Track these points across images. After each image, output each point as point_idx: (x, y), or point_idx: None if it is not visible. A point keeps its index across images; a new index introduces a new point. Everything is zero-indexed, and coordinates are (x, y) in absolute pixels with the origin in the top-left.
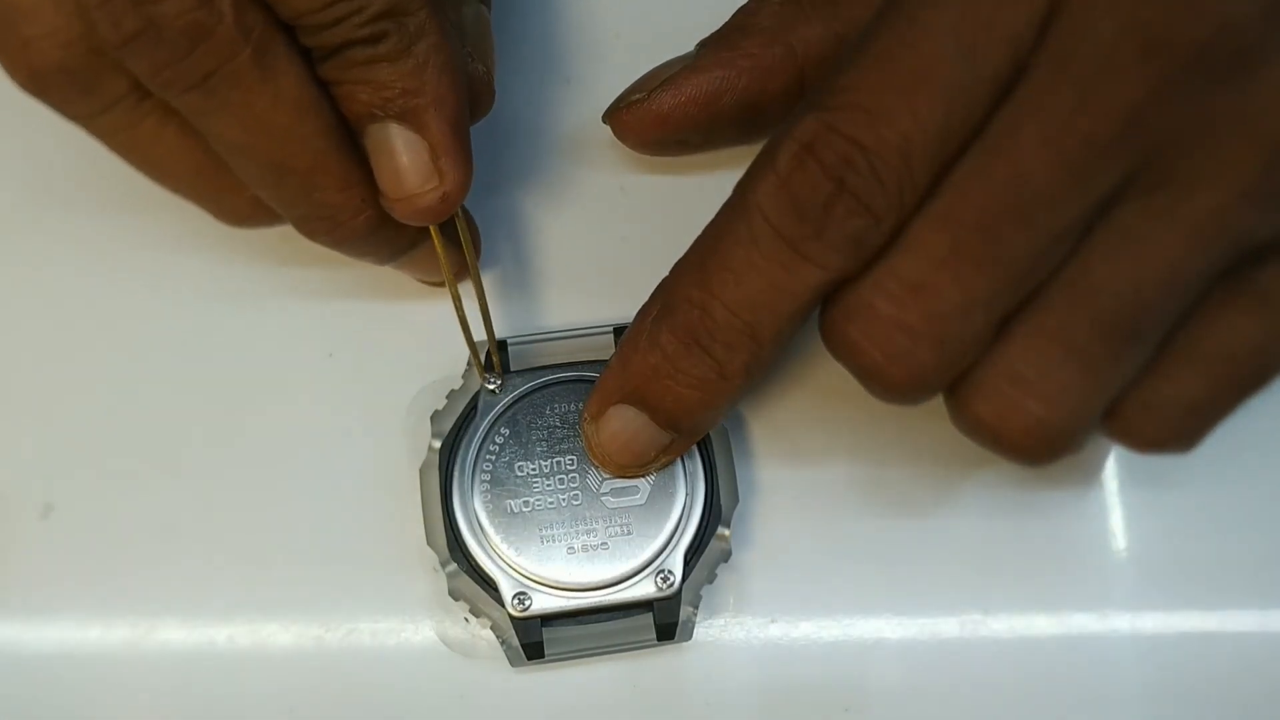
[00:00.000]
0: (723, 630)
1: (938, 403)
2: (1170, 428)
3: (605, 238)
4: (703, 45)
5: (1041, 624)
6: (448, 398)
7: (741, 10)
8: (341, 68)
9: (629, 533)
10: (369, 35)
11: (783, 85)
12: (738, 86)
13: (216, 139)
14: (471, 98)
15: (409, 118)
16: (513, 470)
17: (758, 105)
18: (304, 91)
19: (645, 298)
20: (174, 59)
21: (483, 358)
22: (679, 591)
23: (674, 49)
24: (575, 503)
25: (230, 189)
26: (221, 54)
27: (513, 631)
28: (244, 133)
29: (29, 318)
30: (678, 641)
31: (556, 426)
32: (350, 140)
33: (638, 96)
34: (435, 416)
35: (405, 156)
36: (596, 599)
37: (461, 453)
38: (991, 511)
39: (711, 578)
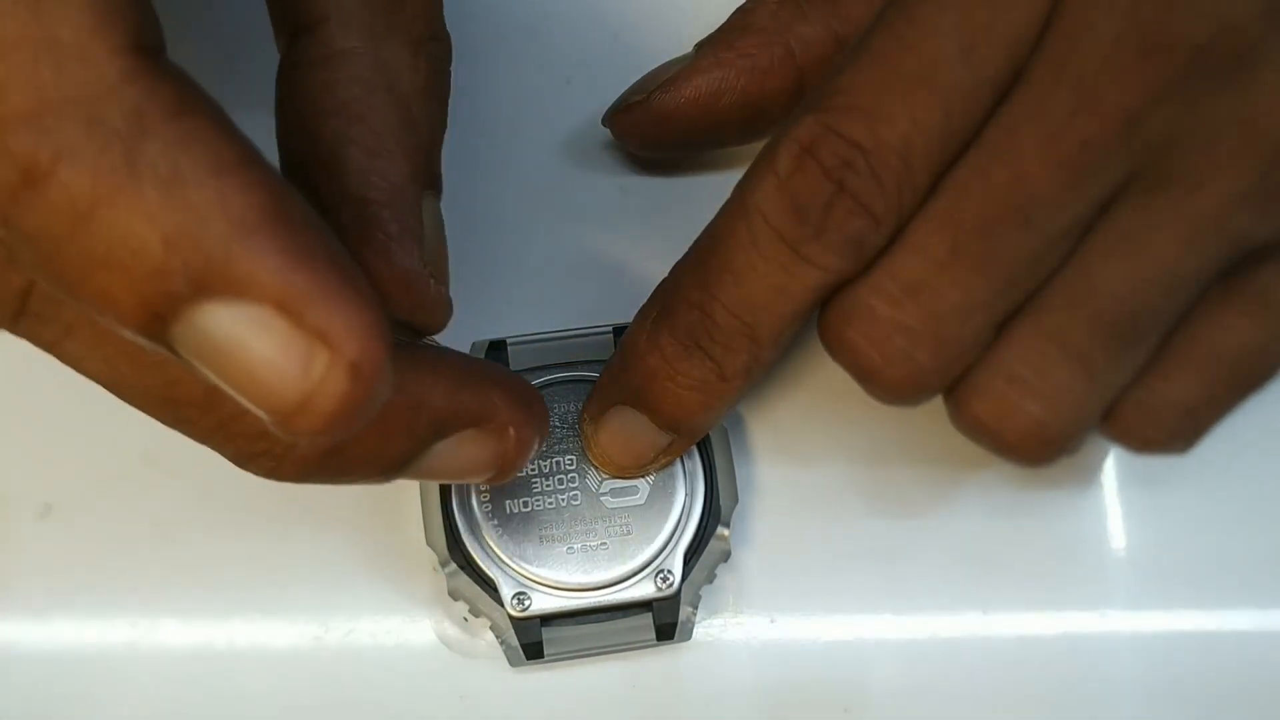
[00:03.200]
0: (722, 630)
1: (937, 403)
2: (1168, 428)
3: (605, 238)
4: (701, 46)
5: (1041, 623)
6: None
7: (740, 10)
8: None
9: (628, 533)
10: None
11: (782, 85)
12: (737, 87)
13: (81, 372)
14: (426, 316)
15: (208, 286)
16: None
17: (757, 105)
18: None
19: (645, 298)
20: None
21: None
22: (678, 591)
23: (674, 50)
24: (575, 503)
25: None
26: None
27: (512, 631)
28: (99, 364)
29: None
30: (677, 641)
31: (556, 427)
32: None
33: (637, 98)
34: None
35: (254, 342)
36: (596, 599)
37: None
38: (991, 511)
39: (711, 578)
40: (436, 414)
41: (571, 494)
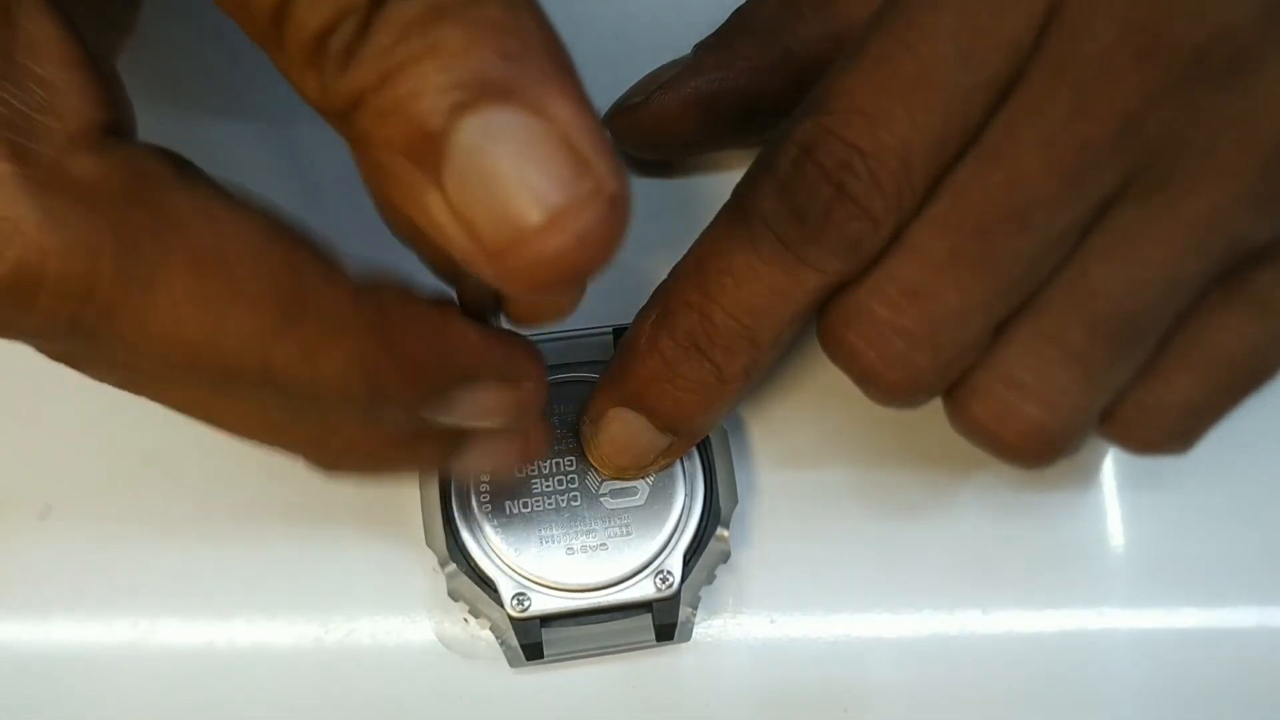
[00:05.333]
0: (722, 631)
1: (936, 405)
2: (1167, 429)
3: None
4: (700, 48)
5: (1039, 623)
6: None
7: (738, 11)
8: (382, 49)
9: (628, 533)
10: None
11: (781, 85)
12: (736, 88)
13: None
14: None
15: (516, 93)
16: (511, 471)
17: (756, 106)
18: (238, 244)
19: (644, 299)
20: (17, 320)
21: None
22: (678, 592)
23: (673, 51)
24: (574, 504)
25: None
26: (73, 291)
27: (512, 632)
28: (173, 360)
29: None
30: (677, 642)
31: (555, 428)
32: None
33: (636, 100)
34: None
35: (530, 156)
36: (595, 600)
37: None
38: (989, 512)
39: (710, 578)
40: (465, 361)
41: (571, 495)
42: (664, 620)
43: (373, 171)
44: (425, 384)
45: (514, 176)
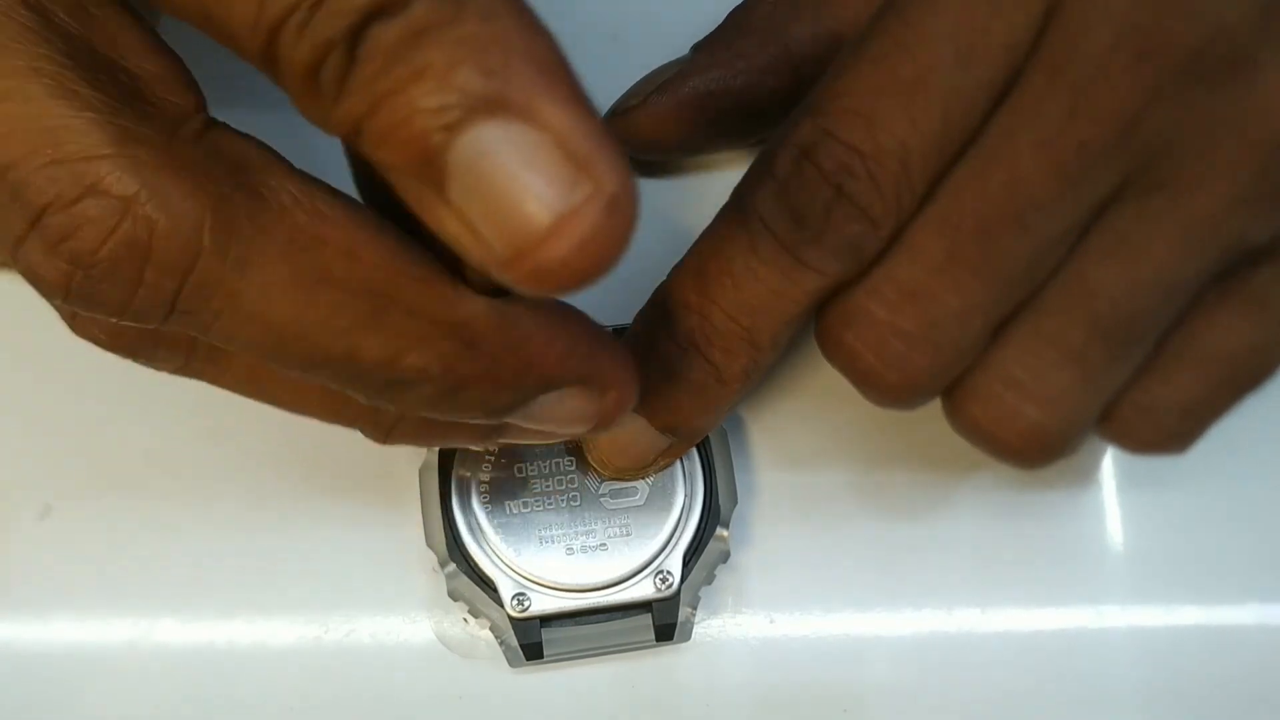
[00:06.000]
0: (721, 631)
1: (936, 405)
2: (1166, 429)
3: None
4: (697, 48)
5: (1039, 623)
6: None
7: (736, 11)
8: (369, 78)
9: (628, 534)
10: (383, 1)
11: (778, 84)
12: (733, 87)
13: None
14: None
15: (505, 105)
16: (511, 471)
17: (754, 105)
18: (326, 229)
19: (643, 300)
20: (125, 297)
21: None
22: (678, 592)
23: (671, 52)
24: (574, 504)
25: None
26: (177, 266)
27: (512, 632)
28: (261, 341)
29: (29, 316)
30: (676, 642)
31: None
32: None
33: (634, 101)
34: None
35: (526, 164)
36: (595, 600)
37: (460, 454)
38: (988, 512)
39: (710, 578)
40: (547, 371)
41: (571, 495)
42: (664, 620)
43: (397, 189)
44: (508, 391)
45: (513, 186)
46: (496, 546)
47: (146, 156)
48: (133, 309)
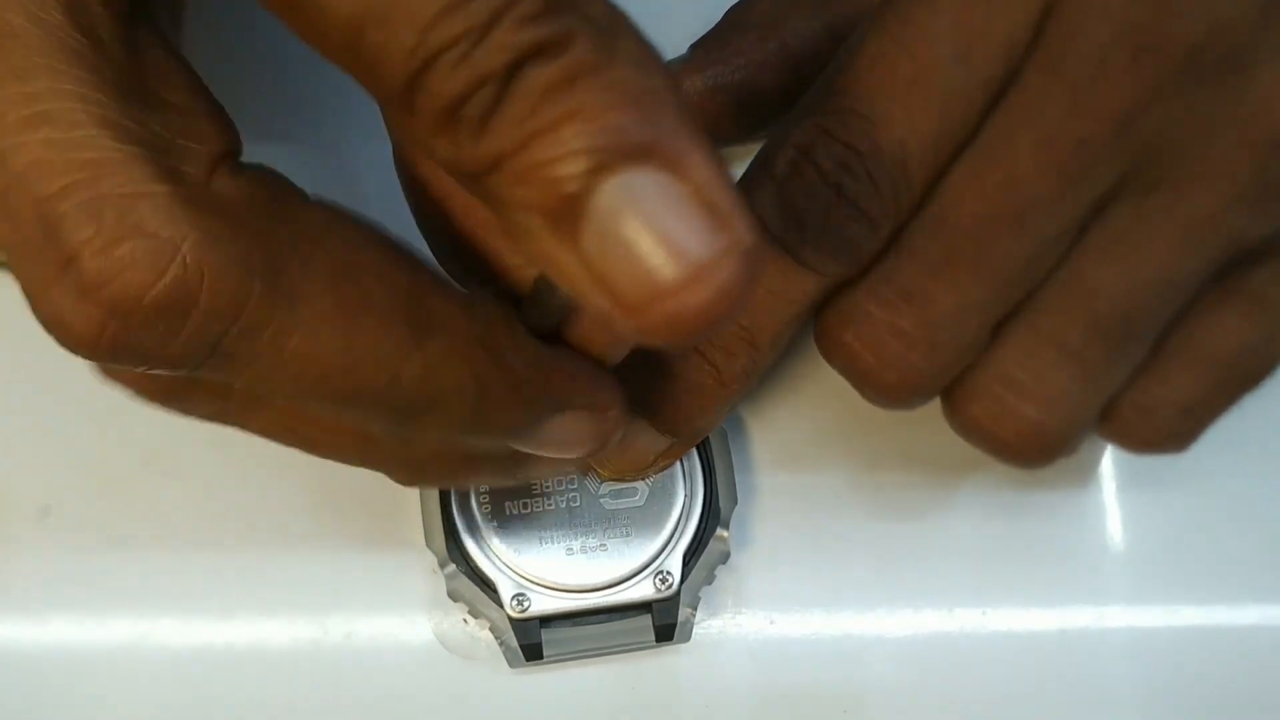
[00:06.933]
0: (721, 631)
1: (936, 405)
2: (1165, 428)
3: None
4: (695, 46)
5: (1039, 623)
6: None
7: (734, 8)
8: (520, 116)
9: (627, 534)
10: (542, 40)
11: (777, 81)
12: (732, 84)
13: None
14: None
15: (654, 153)
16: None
17: (753, 103)
18: (367, 277)
19: None
20: (158, 348)
21: None
22: (677, 593)
23: (670, 51)
24: (574, 504)
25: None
26: (226, 310)
27: (511, 633)
28: (304, 380)
29: (29, 316)
30: (676, 643)
31: None
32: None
33: None
34: None
35: (671, 214)
36: (595, 600)
37: None
38: (988, 512)
39: (710, 579)
40: (561, 385)
41: (571, 496)
42: (664, 621)
43: (508, 228)
44: (527, 407)
45: (655, 235)
46: (496, 547)
47: (193, 196)
48: (167, 358)
